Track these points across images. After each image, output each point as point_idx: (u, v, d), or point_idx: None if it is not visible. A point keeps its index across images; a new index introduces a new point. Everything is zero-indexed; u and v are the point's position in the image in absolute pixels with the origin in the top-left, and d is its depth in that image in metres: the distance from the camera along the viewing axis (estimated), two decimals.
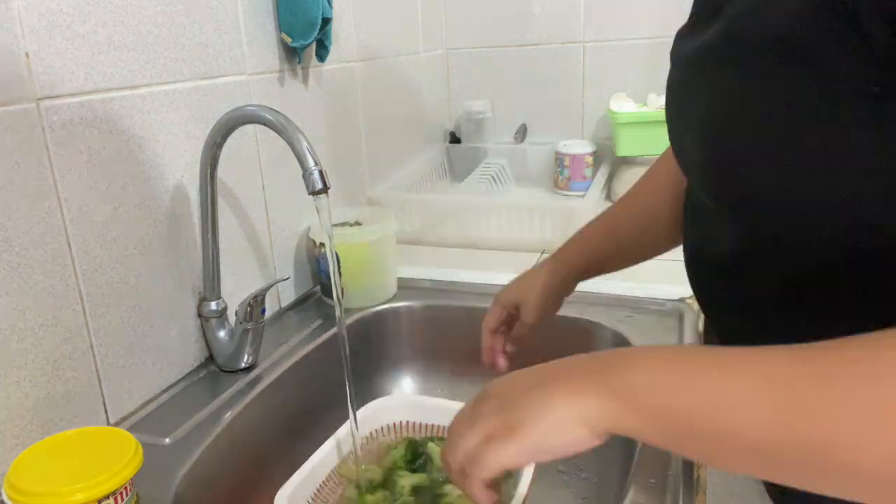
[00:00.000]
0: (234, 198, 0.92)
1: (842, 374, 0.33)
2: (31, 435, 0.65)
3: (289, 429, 0.88)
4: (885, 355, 0.32)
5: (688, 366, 0.38)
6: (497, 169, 1.51)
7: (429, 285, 1.12)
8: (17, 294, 0.64)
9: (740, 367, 0.36)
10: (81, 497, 0.54)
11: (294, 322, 1.02)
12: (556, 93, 1.67)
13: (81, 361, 0.71)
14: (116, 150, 0.73)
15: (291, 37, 0.98)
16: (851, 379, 0.32)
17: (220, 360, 0.87)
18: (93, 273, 0.71)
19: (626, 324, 0.94)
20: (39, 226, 0.65)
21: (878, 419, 0.31)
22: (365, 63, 1.28)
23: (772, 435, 0.33)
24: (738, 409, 0.35)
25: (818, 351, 0.34)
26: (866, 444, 0.31)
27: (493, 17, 1.68)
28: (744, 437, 0.34)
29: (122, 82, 0.74)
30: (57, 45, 0.66)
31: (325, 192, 0.69)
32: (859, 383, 0.32)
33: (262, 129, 0.96)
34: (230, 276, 0.92)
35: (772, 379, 0.34)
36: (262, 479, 0.82)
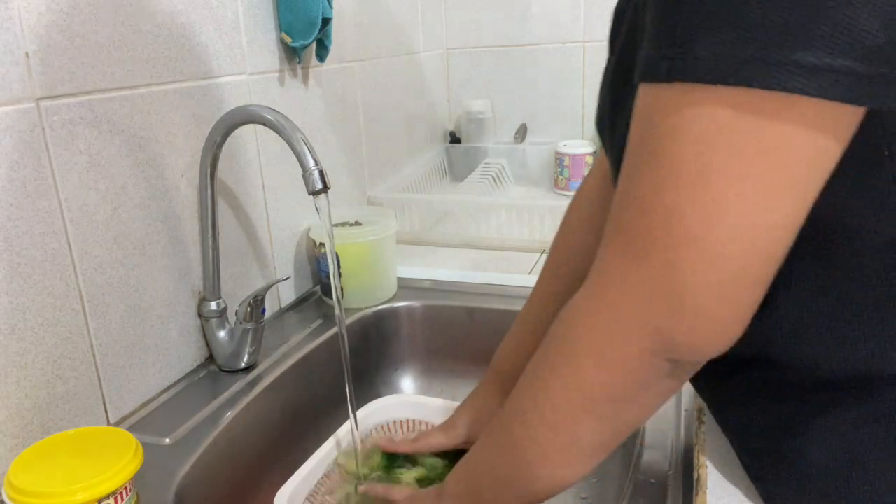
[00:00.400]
0: (234, 198, 0.92)
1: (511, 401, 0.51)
2: (31, 435, 0.65)
3: (289, 429, 0.88)
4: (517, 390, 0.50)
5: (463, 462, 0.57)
6: (497, 169, 1.51)
7: (429, 285, 1.12)
8: (17, 294, 0.64)
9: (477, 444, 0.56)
10: (81, 497, 0.54)
11: (294, 322, 1.02)
12: (556, 93, 1.66)
13: (81, 361, 0.71)
14: (116, 150, 0.73)
15: (291, 37, 0.98)
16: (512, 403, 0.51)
17: (220, 361, 0.87)
18: (93, 273, 0.71)
19: None
20: (39, 226, 0.65)
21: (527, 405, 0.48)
22: (365, 63, 1.28)
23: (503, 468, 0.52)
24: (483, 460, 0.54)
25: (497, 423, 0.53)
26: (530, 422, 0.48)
27: (493, 17, 1.68)
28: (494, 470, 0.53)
29: (122, 82, 0.74)
30: (57, 45, 0.66)
31: (325, 192, 0.69)
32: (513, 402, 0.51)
33: (262, 129, 0.96)
34: (230, 276, 0.92)
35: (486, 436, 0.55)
36: (262, 479, 0.82)
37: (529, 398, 0.48)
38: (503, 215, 1.27)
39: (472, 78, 1.74)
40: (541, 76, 1.67)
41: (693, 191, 0.37)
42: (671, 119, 0.37)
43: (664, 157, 0.38)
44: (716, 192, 0.36)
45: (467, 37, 1.71)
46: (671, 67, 0.36)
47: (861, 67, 0.33)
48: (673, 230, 0.38)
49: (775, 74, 0.33)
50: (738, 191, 0.36)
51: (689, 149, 0.37)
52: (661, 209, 0.38)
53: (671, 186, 0.38)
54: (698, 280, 0.38)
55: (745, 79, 0.34)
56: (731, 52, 0.34)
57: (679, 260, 0.38)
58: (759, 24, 0.33)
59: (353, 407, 0.75)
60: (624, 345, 0.42)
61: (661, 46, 0.37)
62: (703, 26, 0.35)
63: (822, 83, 0.33)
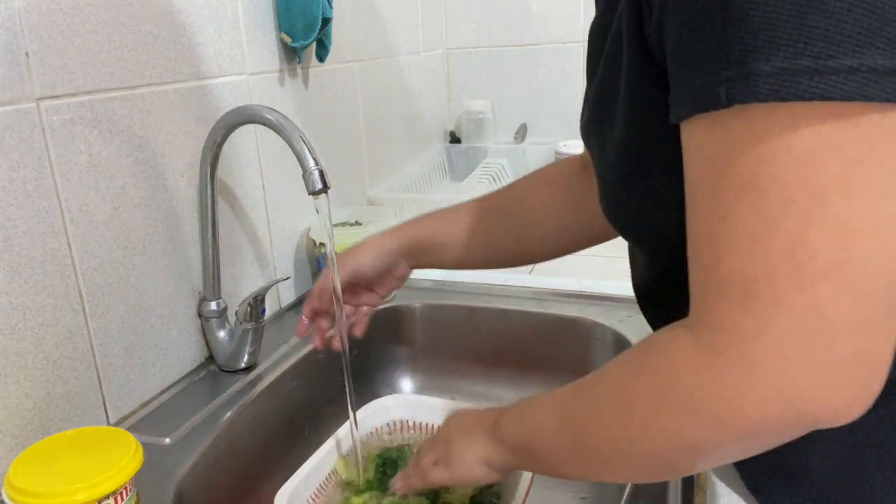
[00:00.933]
0: (234, 198, 0.92)
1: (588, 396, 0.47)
2: (31, 435, 0.65)
3: (289, 429, 0.88)
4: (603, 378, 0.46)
5: (525, 412, 0.54)
6: (497, 169, 1.51)
7: (429, 285, 1.12)
8: (17, 294, 0.64)
9: (545, 405, 0.51)
10: (81, 497, 0.53)
11: (294, 322, 1.01)
12: (556, 93, 1.66)
13: (81, 361, 0.71)
14: (116, 150, 0.73)
15: (291, 37, 0.98)
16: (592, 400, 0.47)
17: (220, 361, 0.87)
18: (93, 273, 0.71)
19: (626, 323, 0.94)
20: (39, 226, 0.65)
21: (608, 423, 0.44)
22: (365, 63, 1.28)
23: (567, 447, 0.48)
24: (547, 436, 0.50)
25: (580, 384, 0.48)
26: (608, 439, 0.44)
27: (493, 17, 1.68)
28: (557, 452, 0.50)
29: (122, 82, 0.74)
30: (57, 45, 0.66)
31: (325, 192, 0.69)
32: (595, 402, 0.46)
33: (262, 129, 0.95)
34: (230, 276, 0.92)
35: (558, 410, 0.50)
36: (262, 479, 0.82)
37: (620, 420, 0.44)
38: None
39: (472, 78, 1.74)
40: (541, 76, 1.67)
41: (813, 215, 0.33)
42: (756, 146, 0.34)
43: (766, 188, 0.34)
44: (839, 211, 0.33)
45: (467, 37, 1.71)
46: (730, 91, 0.33)
47: None
48: (804, 265, 0.33)
49: (855, 83, 0.31)
50: (863, 205, 0.33)
51: (793, 172, 0.33)
52: (781, 245, 0.34)
53: (786, 217, 0.33)
54: (850, 315, 0.34)
55: (824, 91, 0.32)
56: (802, 64, 0.32)
57: (823, 297, 0.33)
58: (824, 31, 0.31)
59: (353, 407, 0.75)
60: (755, 413, 0.36)
61: (711, 72, 0.34)
62: (761, 42, 0.32)
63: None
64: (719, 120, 0.35)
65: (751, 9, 0.32)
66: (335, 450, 0.76)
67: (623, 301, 1.00)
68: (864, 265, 0.33)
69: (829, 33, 0.31)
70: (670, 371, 0.40)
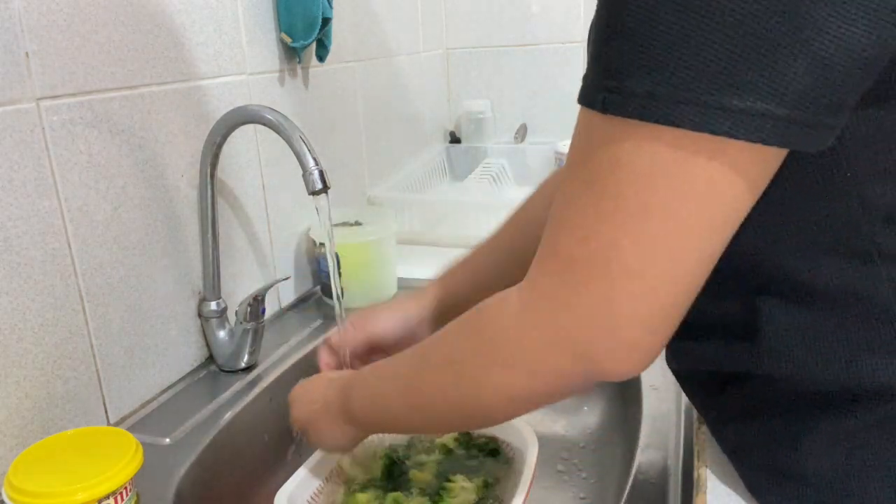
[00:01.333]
0: (234, 198, 0.92)
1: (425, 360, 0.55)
2: (31, 435, 0.65)
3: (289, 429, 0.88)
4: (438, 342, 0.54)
5: (370, 386, 0.61)
6: (497, 169, 1.51)
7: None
8: (17, 294, 0.64)
9: (387, 374, 0.59)
10: (81, 497, 0.54)
11: (294, 322, 1.02)
12: (556, 93, 1.66)
13: (81, 361, 0.71)
14: (116, 150, 0.73)
15: (291, 37, 0.98)
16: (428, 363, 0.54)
17: (220, 360, 0.87)
18: (93, 273, 0.71)
19: None
20: (39, 226, 0.65)
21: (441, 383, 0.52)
22: (365, 63, 1.28)
23: (409, 411, 0.56)
24: (392, 405, 0.58)
25: (417, 349, 0.56)
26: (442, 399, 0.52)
27: (493, 17, 1.68)
28: (401, 417, 0.58)
29: (122, 82, 0.74)
30: (57, 45, 0.66)
31: (325, 192, 0.70)
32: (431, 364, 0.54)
33: (262, 129, 0.95)
34: (230, 276, 0.92)
35: (400, 379, 0.57)
36: (262, 479, 0.82)
37: (452, 377, 0.51)
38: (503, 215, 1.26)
39: (472, 78, 1.74)
40: (541, 76, 1.67)
41: (633, 226, 0.38)
42: (612, 150, 0.38)
43: (606, 189, 0.39)
44: (655, 229, 0.38)
45: (467, 37, 1.71)
46: (607, 100, 0.37)
47: (783, 111, 0.34)
48: (612, 264, 0.40)
49: (705, 117, 0.35)
50: (675, 229, 0.38)
51: (630, 185, 0.38)
52: (603, 241, 0.40)
53: (612, 219, 0.39)
54: (633, 314, 0.40)
55: (677, 120, 0.35)
56: (664, 91, 0.35)
57: (617, 294, 0.40)
58: (690, 65, 0.34)
59: None
60: (556, 363, 0.44)
61: (598, 77, 0.38)
62: (638, 63, 0.36)
63: (749, 127, 0.34)
64: (594, 118, 0.39)
65: (637, 30, 0.36)
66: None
67: None
68: (656, 277, 0.39)
69: (694, 68, 0.34)
70: (497, 324, 0.47)
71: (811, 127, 0.35)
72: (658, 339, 0.43)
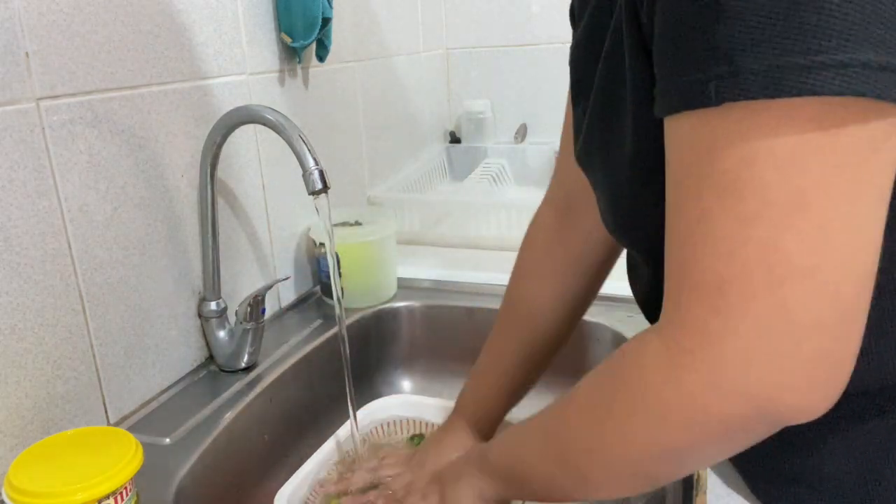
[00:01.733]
0: (234, 198, 0.92)
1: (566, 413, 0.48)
2: (31, 435, 0.65)
3: (289, 429, 0.88)
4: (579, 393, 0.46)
5: (510, 441, 0.54)
6: (497, 169, 1.51)
7: (429, 285, 1.12)
8: (17, 294, 0.64)
9: (528, 429, 0.52)
10: (81, 497, 0.53)
11: (294, 322, 1.02)
12: (556, 93, 1.66)
13: (81, 361, 0.71)
14: (116, 150, 0.73)
15: (291, 37, 0.98)
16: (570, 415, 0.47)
17: (220, 360, 0.87)
18: (93, 273, 0.71)
19: (625, 324, 0.94)
20: (39, 226, 0.65)
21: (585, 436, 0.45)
22: (365, 63, 1.28)
23: (552, 466, 0.48)
24: (533, 459, 0.50)
25: (558, 402, 0.49)
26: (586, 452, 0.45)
27: (493, 17, 1.68)
28: (544, 474, 0.49)
29: (122, 82, 0.74)
30: (57, 45, 0.66)
31: (325, 192, 0.70)
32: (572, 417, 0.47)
33: (262, 129, 0.95)
34: (230, 276, 0.92)
35: (540, 431, 0.50)
36: (262, 479, 0.82)
37: (595, 430, 0.44)
38: (503, 215, 1.27)
39: (472, 78, 1.73)
40: (541, 76, 1.67)
41: (790, 219, 0.33)
42: (741, 145, 0.33)
43: (746, 190, 0.33)
44: (818, 216, 0.33)
45: (467, 37, 1.71)
46: (721, 88, 0.33)
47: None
48: (776, 269, 0.33)
49: (848, 78, 0.31)
50: (843, 210, 0.33)
51: (774, 174, 0.33)
52: (756, 247, 0.34)
53: (762, 219, 0.33)
54: (817, 319, 0.34)
55: (817, 87, 0.31)
56: (792, 61, 0.31)
57: (791, 300, 0.33)
58: (814, 27, 0.31)
59: (354, 407, 0.75)
60: (720, 409, 0.37)
61: (699, 69, 0.34)
62: (750, 38, 0.32)
63: (888, 83, 0.31)
64: (705, 118, 0.35)
65: (743, 5, 0.32)
66: (335, 450, 0.76)
67: (623, 301, 1.00)
68: (834, 271, 0.33)
69: (819, 29, 0.31)
70: (641, 374, 0.40)
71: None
72: (851, 349, 0.35)
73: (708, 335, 0.36)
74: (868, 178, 0.33)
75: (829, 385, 0.36)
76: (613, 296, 1.00)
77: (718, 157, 0.34)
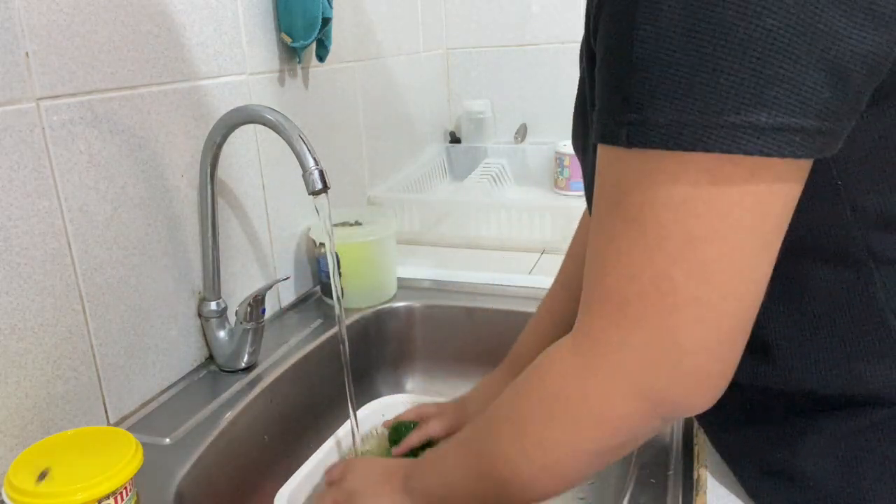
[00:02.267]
0: (234, 198, 0.92)
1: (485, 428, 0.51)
2: (31, 435, 0.65)
3: (289, 429, 0.88)
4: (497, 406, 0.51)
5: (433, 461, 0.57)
6: (497, 169, 1.51)
7: (429, 285, 1.12)
8: (17, 294, 0.64)
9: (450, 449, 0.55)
10: (81, 497, 0.53)
11: (294, 322, 1.02)
12: (556, 93, 1.66)
13: (81, 361, 0.71)
14: (116, 150, 0.73)
15: (291, 37, 0.98)
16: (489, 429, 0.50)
17: (220, 360, 0.87)
18: (93, 273, 0.71)
19: None
20: (39, 226, 0.65)
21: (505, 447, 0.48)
22: (365, 63, 1.28)
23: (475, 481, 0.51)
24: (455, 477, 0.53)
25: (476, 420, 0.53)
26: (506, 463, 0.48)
27: (493, 17, 1.68)
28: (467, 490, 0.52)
29: (122, 82, 0.74)
30: (57, 45, 0.66)
31: (325, 192, 0.69)
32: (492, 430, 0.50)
33: (262, 129, 0.96)
34: (230, 276, 0.92)
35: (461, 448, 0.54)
36: (262, 479, 0.82)
37: (515, 439, 0.48)
38: (503, 215, 1.27)
39: (472, 78, 1.74)
40: (541, 76, 1.67)
41: (682, 255, 0.38)
42: (644, 185, 0.38)
43: (647, 225, 0.38)
44: (704, 254, 0.38)
45: (467, 37, 1.71)
46: (630, 134, 0.37)
47: (811, 123, 0.34)
48: (667, 296, 0.39)
49: (736, 138, 0.35)
50: (725, 251, 0.37)
51: (670, 216, 0.37)
52: (652, 275, 0.39)
53: (658, 252, 0.38)
54: (697, 341, 0.39)
55: (708, 145, 0.35)
56: (690, 118, 0.35)
57: (677, 325, 0.39)
58: (712, 88, 0.34)
59: (354, 407, 0.75)
60: (622, 408, 0.42)
61: (617, 111, 0.38)
62: (657, 93, 0.35)
63: (780, 143, 0.34)
64: (619, 154, 0.39)
65: (651, 61, 0.35)
66: (335, 450, 0.76)
67: None
68: (715, 303, 0.38)
69: (717, 91, 0.34)
70: (553, 381, 0.46)
71: (834, 135, 0.36)
72: (727, 366, 0.41)
73: (608, 345, 0.42)
74: (751, 225, 0.37)
75: (709, 389, 0.42)
76: None
77: (627, 191, 0.39)
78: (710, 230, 0.37)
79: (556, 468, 0.47)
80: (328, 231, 0.72)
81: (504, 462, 0.48)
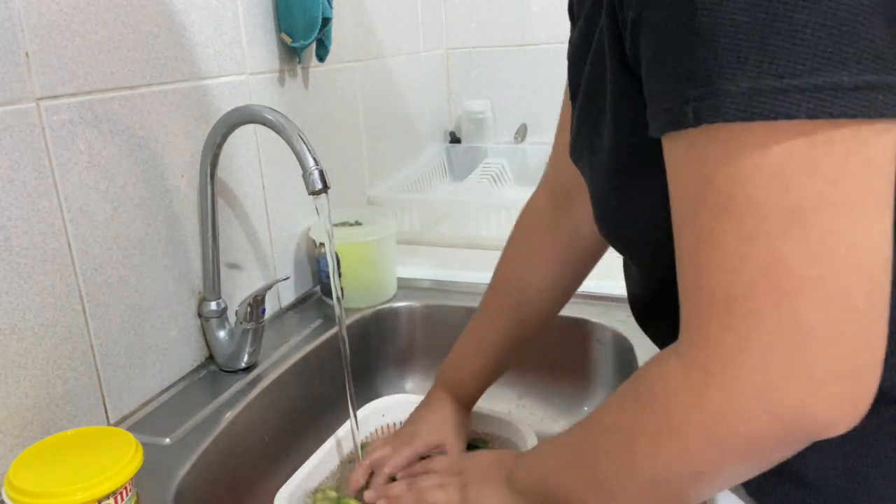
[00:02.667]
0: (234, 198, 0.92)
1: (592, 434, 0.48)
2: (31, 435, 0.65)
3: (289, 429, 0.88)
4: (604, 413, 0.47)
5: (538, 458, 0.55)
6: (497, 169, 1.51)
7: (429, 285, 1.12)
8: (17, 294, 0.64)
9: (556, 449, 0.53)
10: (81, 497, 0.53)
11: (294, 322, 1.02)
12: (556, 93, 1.66)
13: (81, 361, 0.71)
14: (116, 150, 0.73)
15: (291, 37, 0.98)
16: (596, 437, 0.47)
17: (220, 360, 0.87)
18: (93, 273, 0.71)
19: (626, 324, 0.94)
20: (39, 226, 0.65)
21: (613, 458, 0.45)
22: (365, 63, 1.28)
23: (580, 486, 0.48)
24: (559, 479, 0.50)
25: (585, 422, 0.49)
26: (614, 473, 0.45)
27: (493, 17, 1.68)
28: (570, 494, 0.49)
29: (122, 82, 0.74)
30: (57, 45, 0.66)
31: (325, 192, 0.69)
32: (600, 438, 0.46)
33: (262, 129, 0.95)
34: (230, 276, 0.92)
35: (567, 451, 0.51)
36: (262, 479, 0.82)
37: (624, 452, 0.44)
38: (503, 215, 1.27)
39: (472, 78, 1.74)
40: (541, 76, 1.67)
41: (787, 231, 0.33)
42: (729, 166, 0.34)
43: (740, 209, 0.34)
44: (817, 227, 0.33)
45: (467, 37, 1.71)
46: (698, 109, 0.34)
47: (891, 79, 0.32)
48: (780, 279, 0.34)
49: (819, 101, 0.32)
50: (842, 221, 0.33)
51: (765, 191, 0.33)
52: (758, 261, 0.34)
53: (761, 235, 0.34)
54: (830, 331, 0.34)
55: (791, 111, 0.32)
56: (767, 84, 0.32)
57: (798, 309, 0.34)
58: (788, 50, 0.32)
59: (354, 407, 0.75)
60: (748, 426, 0.36)
61: (681, 92, 0.35)
62: (727, 62, 0.33)
63: (864, 103, 0.32)
64: (693, 138, 0.35)
65: (717, 29, 0.33)
66: (335, 450, 0.76)
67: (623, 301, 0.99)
68: (840, 280, 0.33)
69: (793, 52, 0.32)
70: (663, 395, 0.40)
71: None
72: (873, 358, 0.35)
73: (723, 354, 0.36)
74: (863, 186, 0.33)
75: (857, 396, 0.35)
76: (613, 296, 1.00)
77: (710, 178, 0.35)
78: (815, 199, 0.33)
79: (668, 487, 0.42)
80: (328, 231, 0.72)
81: (613, 474, 0.45)
